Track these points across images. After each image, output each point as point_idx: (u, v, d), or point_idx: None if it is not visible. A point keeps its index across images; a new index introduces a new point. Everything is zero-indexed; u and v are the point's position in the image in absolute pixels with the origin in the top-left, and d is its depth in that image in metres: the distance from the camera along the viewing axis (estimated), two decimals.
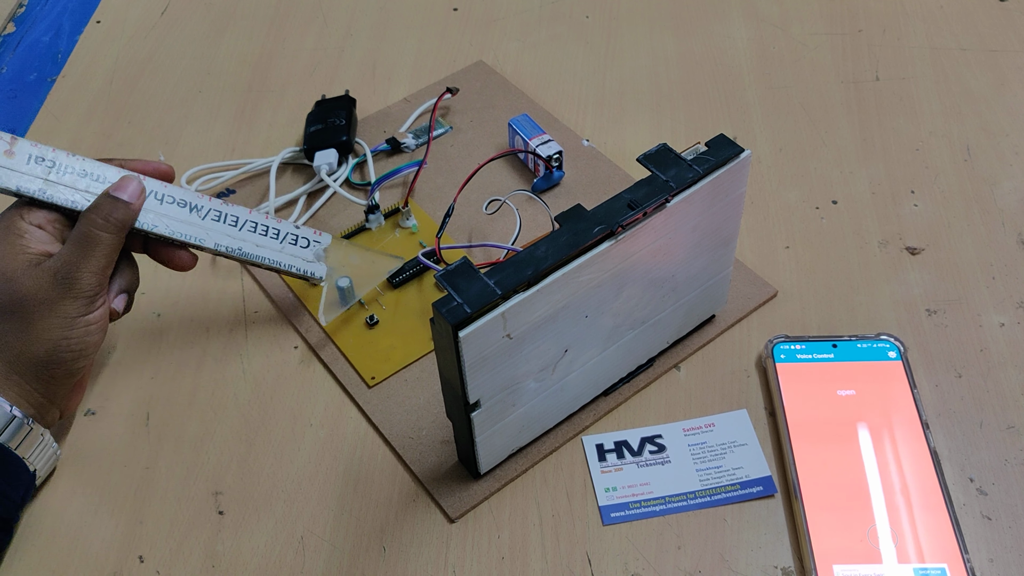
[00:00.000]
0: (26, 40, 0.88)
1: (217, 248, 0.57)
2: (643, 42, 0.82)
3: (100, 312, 0.54)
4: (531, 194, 0.68)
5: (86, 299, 0.52)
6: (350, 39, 0.85)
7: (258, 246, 0.58)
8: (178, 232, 0.56)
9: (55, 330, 0.52)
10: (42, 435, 0.54)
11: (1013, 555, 0.51)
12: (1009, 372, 0.58)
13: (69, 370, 0.54)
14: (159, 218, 0.56)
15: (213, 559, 0.53)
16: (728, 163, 0.51)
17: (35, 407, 0.54)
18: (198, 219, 0.57)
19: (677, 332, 0.59)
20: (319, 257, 0.60)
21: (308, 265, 0.60)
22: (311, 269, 0.60)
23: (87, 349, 0.53)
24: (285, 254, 0.59)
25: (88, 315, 0.53)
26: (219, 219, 0.57)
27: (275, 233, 0.59)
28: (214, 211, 0.57)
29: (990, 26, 0.81)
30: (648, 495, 0.54)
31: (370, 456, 0.57)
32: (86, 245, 0.52)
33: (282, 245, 0.59)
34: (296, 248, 0.59)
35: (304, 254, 0.59)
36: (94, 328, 0.53)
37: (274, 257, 0.59)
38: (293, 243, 0.59)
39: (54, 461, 0.56)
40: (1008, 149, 0.71)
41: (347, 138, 0.71)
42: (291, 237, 0.59)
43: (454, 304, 0.45)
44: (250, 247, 0.58)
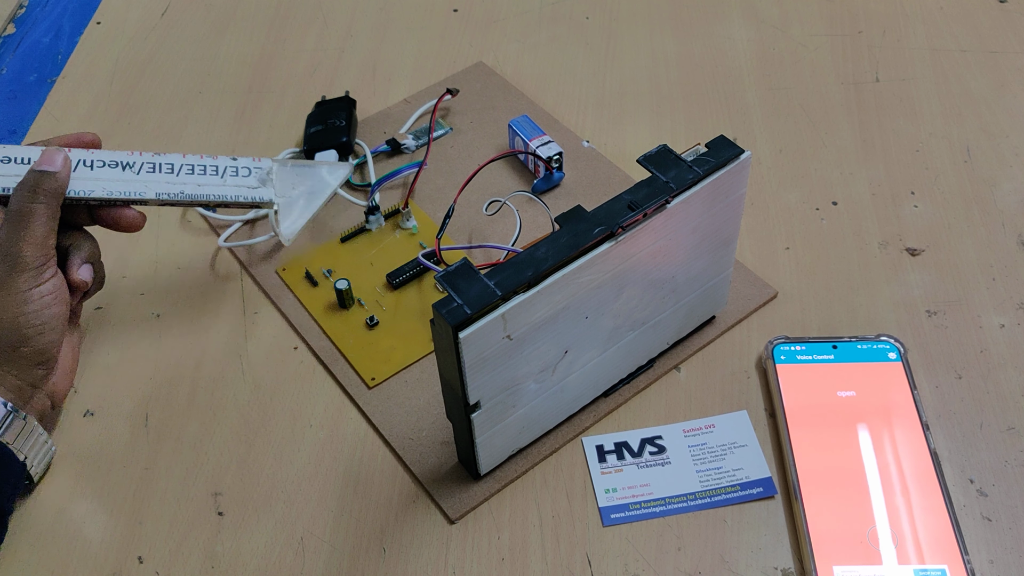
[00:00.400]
0: (26, 41, 0.88)
1: (159, 197, 0.57)
2: (643, 43, 0.82)
3: (52, 283, 0.54)
4: (531, 195, 0.68)
5: (32, 272, 0.53)
6: (350, 40, 0.85)
7: (199, 186, 0.58)
8: (116, 191, 0.56)
9: (10, 308, 0.53)
10: (25, 420, 0.54)
11: (1013, 556, 0.51)
12: (1009, 373, 0.58)
13: (36, 347, 0.54)
14: (94, 183, 0.56)
15: (212, 560, 0.53)
16: (728, 164, 0.51)
17: (14, 392, 0.54)
18: (133, 175, 0.57)
19: (677, 333, 0.59)
20: (264, 182, 0.59)
21: (254, 192, 0.59)
22: (258, 195, 0.59)
23: (50, 322, 0.54)
24: (228, 186, 0.59)
25: (39, 287, 0.53)
26: (154, 170, 0.57)
27: (213, 169, 0.59)
28: (147, 164, 0.57)
29: (990, 27, 0.81)
30: (648, 496, 0.54)
31: (370, 457, 0.57)
32: (19, 219, 0.53)
33: (223, 179, 0.58)
34: (238, 179, 0.59)
35: (248, 182, 0.59)
36: (50, 300, 0.54)
37: (218, 192, 0.58)
38: (234, 175, 0.59)
39: (48, 453, 0.56)
40: (1008, 150, 0.71)
41: (347, 139, 0.71)
42: (231, 170, 0.59)
43: (454, 305, 0.45)
44: (192, 188, 0.58)
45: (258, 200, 0.59)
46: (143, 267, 0.68)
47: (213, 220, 0.70)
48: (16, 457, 0.53)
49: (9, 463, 0.53)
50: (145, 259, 0.68)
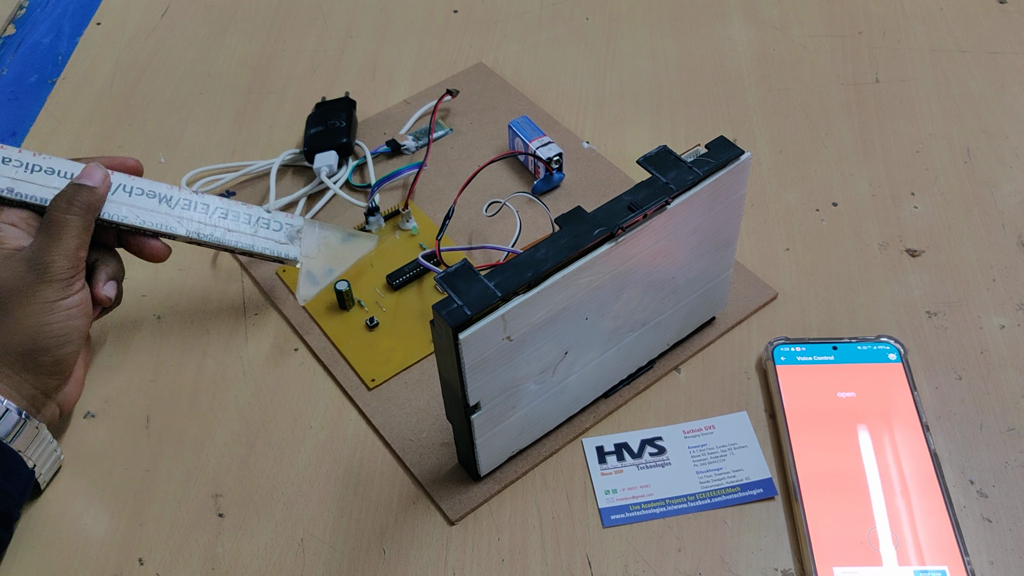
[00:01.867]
0: (26, 42, 0.89)
1: (189, 235, 0.58)
2: (643, 44, 0.82)
3: (79, 296, 0.54)
4: (531, 196, 0.68)
5: (61, 283, 0.53)
6: (350, 41, 0.85)
7: (229, 231, 0.59)
8: (149, 222, 0.57)
9: (35, 316, 0.53)
10: (37, 428, 0.54)
11: (1013, 557, 0.51)
12: (1009, 374, 0.58)
13: (55, 357, 0.54)
14: (129, 209, 0.57)
15: (213, 561, 0.53)
16: (728, 165, 0.51)
17: (28, 399, 0.54)
18: (168, 208, 0.57)
19: (677, 334, 0.59)
20: (292, 239, 0.60)
21: (281, 247, 0.60)
22: (284, 251, 0.60)
23: (70, 334, 0.54)
24: (258, 237, 0.59)
25: (66, 299, 0.54)
26: (189, 207, 0.58)
27: (247, 218, 0.59)
28: (184, 200, 0.58)
29: (990, 28, 0.81)
30: (648, 497, 0.54)
31: (370, 458, 0.57)
32: (54, 229, 0.54)
33: (254, 229, 0.59)
34: (268, 231, 0.60)
35: (277, 236, 0.60)
36: (75, 312, 0.54)
37: (246, 241, 0.59)
38: (265, 227, 0.60)
39: (56, 460, 0.56)
40: (1008, 151, 0.71)
41: (347, 140, 0.71)
42: (263, 221, 0.60)
43: (454, 306, 0.45)
44: (221, 232, 0.59)
45: (283, 256, 0.60)
46: (144, 269, 0.68)
47: None
48: (26, 464, 0.53)
49: (18, 469, 0.53)
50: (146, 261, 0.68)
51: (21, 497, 0.53)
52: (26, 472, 0.53)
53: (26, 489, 0.54)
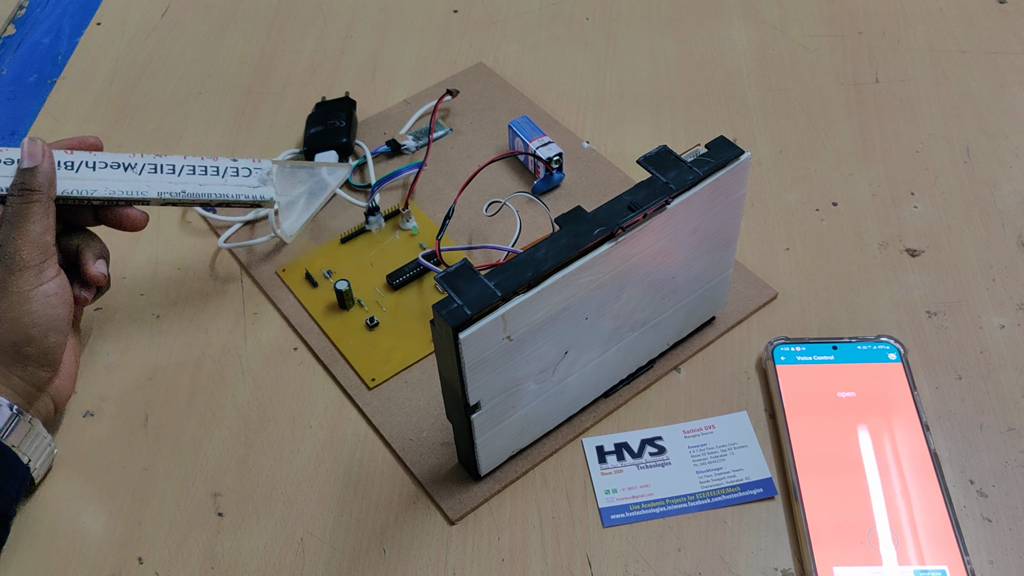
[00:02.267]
0: (26, 42, 0.88)
1: (161, 196, 0.58)
2: (643, 44, 0.82)
3: (55, 284, 0.54)
4: (531, 196, 0.68)
5: (32, 270, 0.53)
6: (350, 41, 0.85)
7: (201, 185, 0.59)
8: (119, 191, 0.57)
9: (13, 308, 0.53)
10: (31, 423, 0.54)
11: (1013, 557, 0.51)
12: (1009, 374, 0.58)
13: (42, 348, 0.54)
14: (97, 183, 0.57)
15: (212, 561, 0.53)
16: (728, 165, 0.51)
17: (21, 395, 0.54)
18: (135, 175, 0.58)
19: (677, 334, 0.59)
20: (264, 182, 0.60)
21: (255, 190, 0.60)
22: (260, 193, 0.60)
23: (53, 322, 0.54)
24: (229, 186, 0.60)
25: (42, 286, 0.54)
26: (156, 170, 0.58)
27: (214, 170, 0.60)
28: (149, 165, 0.58)
29: (990, 28, 0.81)
30: (648, 497, 0.54)
31: (370, 458, 0.57)
32: (13, 220, 0.54)
33: (224, 179, 0.60)
34: (239, 179, 0.60)
35: (248, 182, 0.60)
36: (54, 300, 0.54)
37: (219, 191, 0.59)
38: (235, 175, 0.60)
39: (50, 455, 0.56)
40: (1008, 151, 0.71)
41: (347, 140, 0.71)
42: (231, 170, 0.60)
43: (454, 306, 0.45)
44: (193, 187, 0.59)
45: (259, 199, 0.60)
46: (143, 268, 0.68)
47: (213, 221, 0.70)
48: (20, 460, 0.53)
49: (13, 466, 0.53)
50: (145, 260, 0.68)
51: (17, 495, 0.53)
52: (21, 469, 0.53)
53: (21, 486, 0.54)
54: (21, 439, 0.53)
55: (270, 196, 0.60)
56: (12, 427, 0.53)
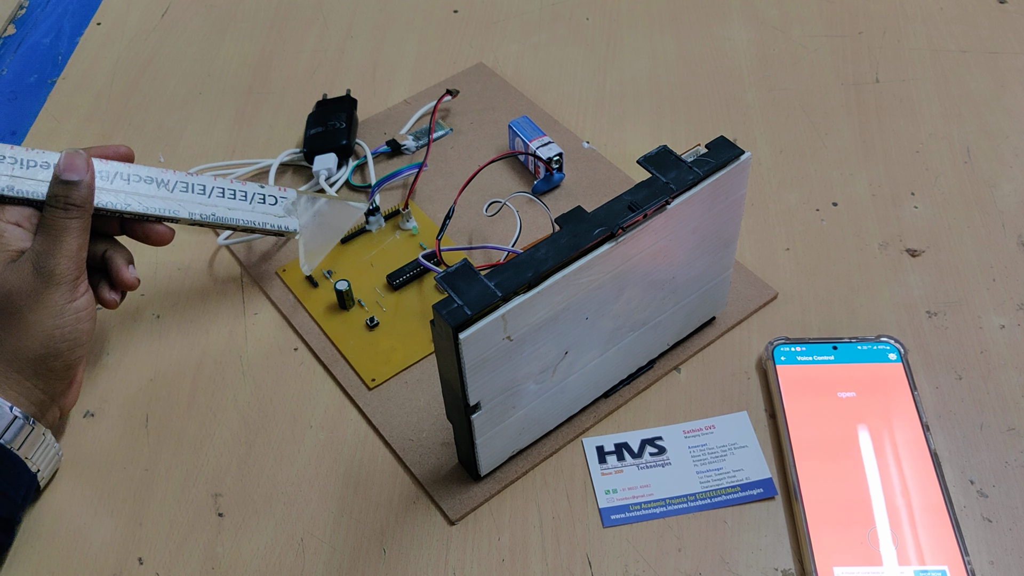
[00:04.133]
0: (27, 42, 0.88)
1: (191, 217, 0.58)
2: (643, 44, 0.82)
3: (86, 299, 0.55)
4: (531, 196, 0.68)
5: (68, 285, 0.53)
6: (350, 41, 0.85)
7: (230, 209, 0.60)
8: (151, 208, 0.57)
9: (46, 320, 0.53)
10: (43, 435, 0.54)
11: (1013, 557, 0.51)
12: (1009, 374, 0.58)
13: (66, 361, 0.54)
14: (130, 197, 0.57)
15: (213, 561, 0.53)
16: (728, 165, 0.51)
17: (36, 405, 0.54)
18: (167, 192, 0.58)
19: (677, 334, 0.59)
20: (288, 212, 0.61)
21: (280, 220, 0.61)
22: (283, 223, 0.61)
23: (80, 337, 0.54)
24: (257, 213, 0.61)
25: (75, 302, 0.54)
26: (187, 190, 0.59)
27: (243, 195, 0.60)
28: (181, 183, 0.59)
29: (990, 28, 0.81)
30: (648, 497, 0.54)
31: (370, 458, 0.57)
32: (54, 232, 0.53)
33: (252, 205, 0.60)
34: (265, 206, 0.61)
35: (274, 211, 0.61)
36: (84, 315, 0.54)
37: (247, 217, 0.60)
38: (262, 202, 0.61)
39: (56, 462, 0.56)
40: (1008, 151, 0.71)
41: (347, 141, 0.71)
42: (259, 197, 0.61)
43: (454, 306, 0.45)
44: (222, 211, 0.59)
45: (283, 229, 0.61)
46: (143, 268, 0.68)
47: None
48: (29, 469, 0.53)
49: (22, 475, 0.53)
50: (145, 260, 0.68)
51: (23, 502, 0.53)
52: (29, 477, 0.53)
53: (28, 493, 0.54)
54: (32, 448, 0.53)
55: (294, 228, 0.62)
56: (25, 437, 0.53)
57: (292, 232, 0.62)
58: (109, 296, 0.58)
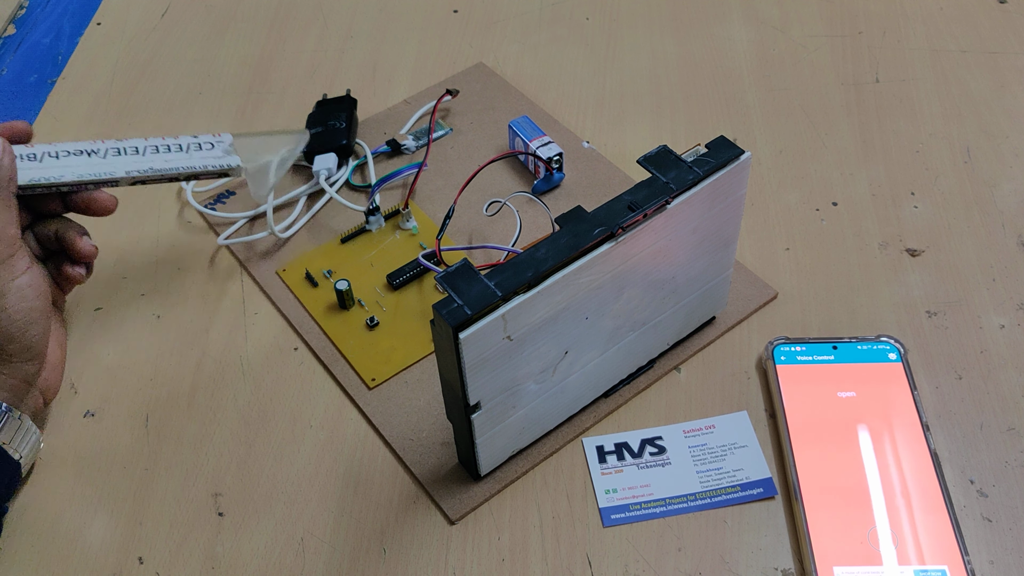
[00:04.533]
0: (26, 42, 0.89)
1: (130, 175, 0.58)
2: (643, 44, 0.82)
3: (28, 276, 0.54)
4: (531, 196, 0.68)
5: (2, 267, 0.53)
6: (350, 41, 0.85)
7: (167, 161, 0.59)
8: (85, 175, 0.57)
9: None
10: (20, 419, 0.54)
11: (1013, 557, 0.51)
12: (1009, 374, 0.58)
13: (23, 344, 0.54)
14: (63, 169, 0.57)
15: (213, 561, 0.53)
16: (728, 165, 0.51)
17: (9, 391, 0.53)
18: (100, 159, 0.58)
19: (677, 334, 0.59)
20: (228, 152, 0.61)
21: (221, 160, 0.60)
22: (226, 162, 0.60)
23: (30, 315, 0.53)
24: (195, 159, 0.60)
25: (14, 281, 0.53)
26: (119, 153, 0.59)
27: (177, 147, 0.60)
28: (112, 149, 0.59)
29: (990, 28, 0.81)
30: (648, 497, 0.54)
31: (370, 458, 0.57)
32: None
33: (189, 154, 0.60)
34: (203, 152, 0.60)
35: (213, 153, 0.60)
36: (28, 292, 0.53)
37: (186, 163, 0.59)
38: (198, 149, 0.60)
39: (37, 448, 0.56)
40: (1008, 151, 0.71)
41: (347, 142, 0.71)
42: (194, 145, 0.60)
43: (454, 306, 0.45)
44: (160, 164, 0.59)
45: (227, 166, 0.60)
46: (143, 268, 0.68)
47: (212, 219, 0.70)
48: (11, 457, 0.53)
49: (4, 463, 0.53)
50: (145, 260, 0.68)
51: (8, 490, 0.53)
52: (12, 465, 0.53)
53: (12, 482, 0.54)
54: (11, 436, 0.53)
55: (237, 163, 0.61)
56: (2, 424, 0.53)
57: (235, 167, 0.61)
58: (74, 271, 0.58)
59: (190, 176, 0.60)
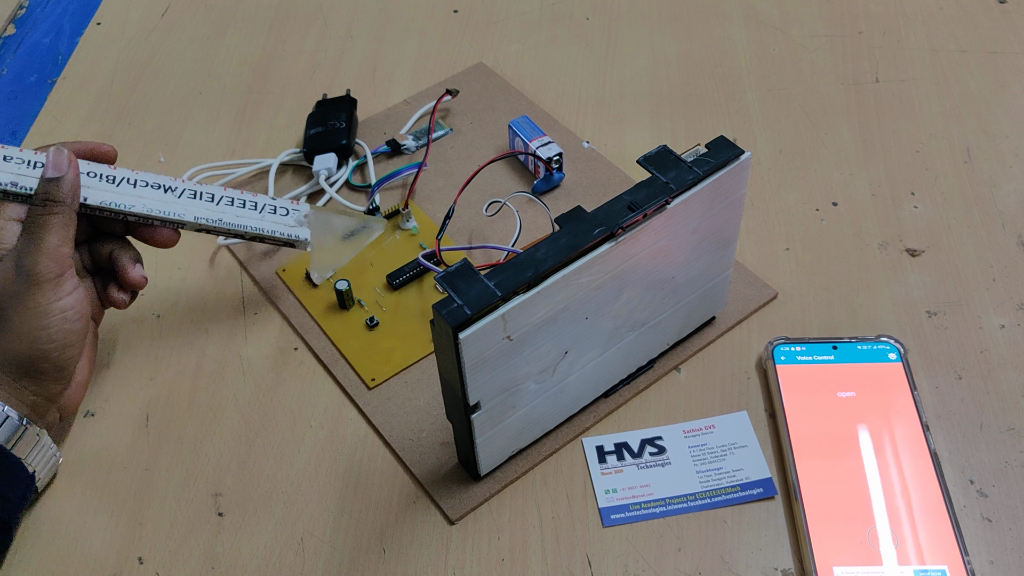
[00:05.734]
0: (27, 42, 0.89)
1: (198, 221, 0.57)
2: (643, 44, 0.82)
3: (73, 298, 0.53)
4: (531, 196, 0.68)
5: (50, 284, 0.52)
6: (350, 40, 0.85)
7: (238, 216, 0.58)
8: (156, 210, 0.56)
9: (30, 321, 0.52)
10: (38, 435, 0.54)
11: (1013, 557, 0.51)
12: (1009, 374, 0.58)
13: (56, 364, 0.53)
14: (136, 199, 0.56)
15: (213, 561, 0.53)
16: (728, 165, 0.51)
17: (29, 406, 0.53)
18: (174, 198, 0.57)
19: (677, 334, 0.59)
20: (300, 223, 0.60)
21: (291, 230, 0.60)
22: (295, 233, 0.60)
23: (69, 338, 0.53)
24: (266, 221, 0.59)
25: (59, 301, 0.52)
26: (195, 197, 0.58)
27: (252, 205, 0.59)
28: (189, 190, 0.58)
29: (990, 28, 0.81)
30: (648, 497, 0.54)
31: (370, 458, 0.57)
32: (34, 230, 0.52)
33: (262, 215, 0.59)
34: (276, 216, 0.60)
35: (286, 221, 0.60)
36: (71, 315, 0.53)
37: (256, 224, 0.59)
38: (272, 212, 0.59)
39: (55, 464, 0.56)
40: (1008, 151, 0.71)
41: (347, 142, 0.71)
42: (269, 207, 0.60)
43: (454, 306, 0.45)
44: (230, 218, 0.58)
45: (294, 238, 0.60)
46: None
47: None
48: (27, 470, 0.53)
49: (19, 475, 0.53)
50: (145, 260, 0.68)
51: (21, 503, 0.53)
52: (27, 477, 0.53)
53: (26, 494, 0.53)
54: (28, 449, 0.53)
55: (305, 238, 0.60)
56: (20, 437, 0.52)
57: (303, 242, 0.60)
58: (118, 296, 0.57)
59: (255, 237, 0.59)
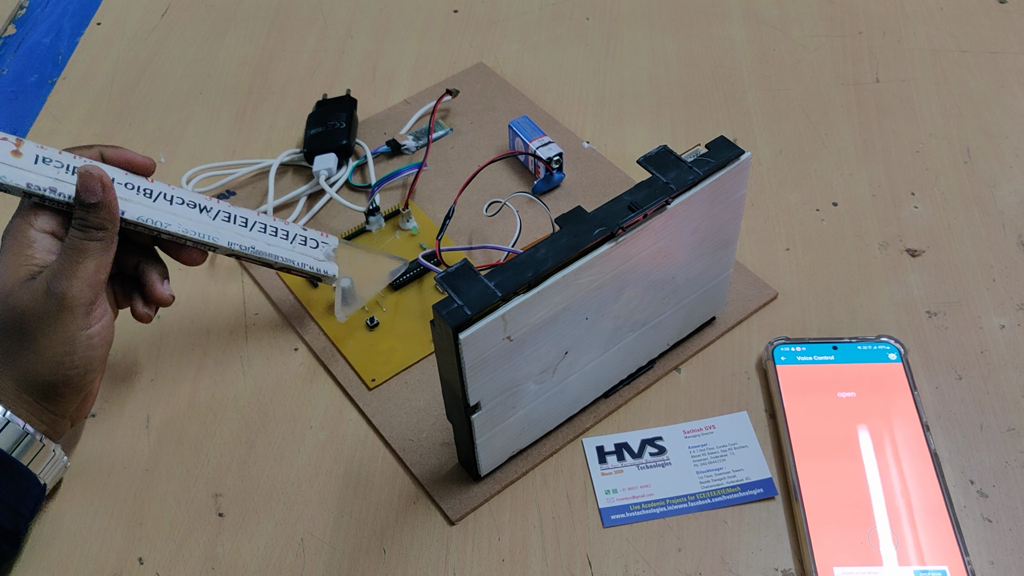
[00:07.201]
0: (27, 42, 0.89)
1: (231, 246, 0.57)
2: (643, 44, 0.82)
3: (101, 325, 0.52)
4: (531, 196, 0.68)
5: (81, 310, 0.51)
6: (350, 41, 0.85)
7: (269, 245, 0.58)
8: (191, 231, 0.56)
9: (57, 346, 0.51)
10: (53, 451, 0.53)
11: (1014, 557, 0.51)
12: (1009, 374, 0.58)
13: (77, 387, 0.53)
14: (172, 217, 0.55)
15: (213, 561, 0.53)
16: (728, 165, 0.51)
17: (48, 424, 0.53)
18: (208, 219, 0.57)
19: (677, 334, 0.59)
20: (329, 257, 0.60)
21: (320, 264, 0.60)
22: (324, 268, 0.60)
23: (91, 364, 0.52)
24: (296, 253, 0.59)
25: (88, 329, 0.51)
26: (229, 220, 0.57)
27: (284, 234, 0.59)
28: (223, 212, 0.57)
29: (990, 28, 0.81)
30: (648, 497, 0.54)
31: (370, 458, 0.57)
32: (72, 253, 0.51)
33: (292, 245, 0.59)
34: (306, 248, 0.60)
35: (315, 254, 0.60)
36: (97, 342, 0.52)
37: (287, 255, 0.59)
38: (303, 243, 0.60)
39: (62, 470, 0.56)
40: (1008, 151, 0.71)
41: (347, 142, 0.71)
42: (300, 238, 0.60)
43: (454, 306, 0.45)
44: (262, 246, 0.58)
45: (322, 273, 0.60)
46: None
47: None
48: (39, 482, 0.53)
49: (31, 488, 0.53)
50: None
51: (32, 514, 0.53)
52: (39, 490, 0.53)
53: (37, 506, 0.54)
54: (41, 464, 0.53)
55: (333, 273, 0.60)
56: (36, 453, 0.52)
57: (331, 277, 0.60)
58: (142, 311, 0.56)
59: (284, 268, 0.59)
